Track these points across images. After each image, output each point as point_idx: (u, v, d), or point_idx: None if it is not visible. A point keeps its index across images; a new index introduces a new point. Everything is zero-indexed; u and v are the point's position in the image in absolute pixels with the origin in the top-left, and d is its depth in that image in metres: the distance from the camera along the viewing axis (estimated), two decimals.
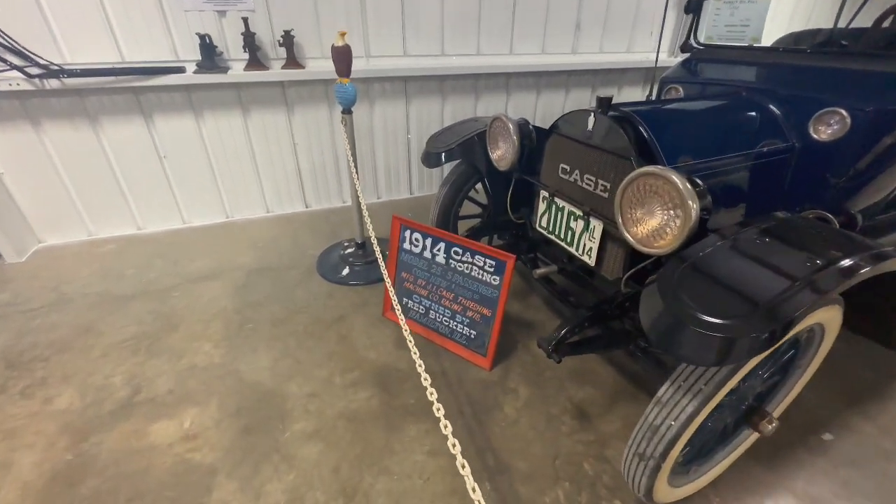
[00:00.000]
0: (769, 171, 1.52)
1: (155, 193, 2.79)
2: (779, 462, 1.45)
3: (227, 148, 2.81)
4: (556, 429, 1.56)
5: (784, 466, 1.44)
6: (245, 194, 3.01)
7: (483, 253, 1.72)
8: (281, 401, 1.65)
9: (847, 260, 0.89)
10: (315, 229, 2.92)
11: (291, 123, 2.89)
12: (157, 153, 2.69)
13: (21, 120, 2.37)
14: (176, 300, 2.20)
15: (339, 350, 1.89)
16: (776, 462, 1.45)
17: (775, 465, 1.44)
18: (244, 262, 2.54)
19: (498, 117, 1.73)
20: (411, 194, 3.48)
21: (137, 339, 1.94)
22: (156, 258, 2.56)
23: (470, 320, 1.83)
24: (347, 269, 2.41)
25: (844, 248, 0.95)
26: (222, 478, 1.38)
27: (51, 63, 2.23)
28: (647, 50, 3.65)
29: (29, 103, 2.34)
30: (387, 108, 3.06)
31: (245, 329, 2.01)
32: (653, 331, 0.92)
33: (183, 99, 2.60)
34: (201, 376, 1.75)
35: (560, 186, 1.60)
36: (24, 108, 2.35)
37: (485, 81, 3.25)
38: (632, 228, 1.17)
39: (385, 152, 3.22)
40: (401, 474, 1.40)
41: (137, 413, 1.59)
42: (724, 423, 1.21)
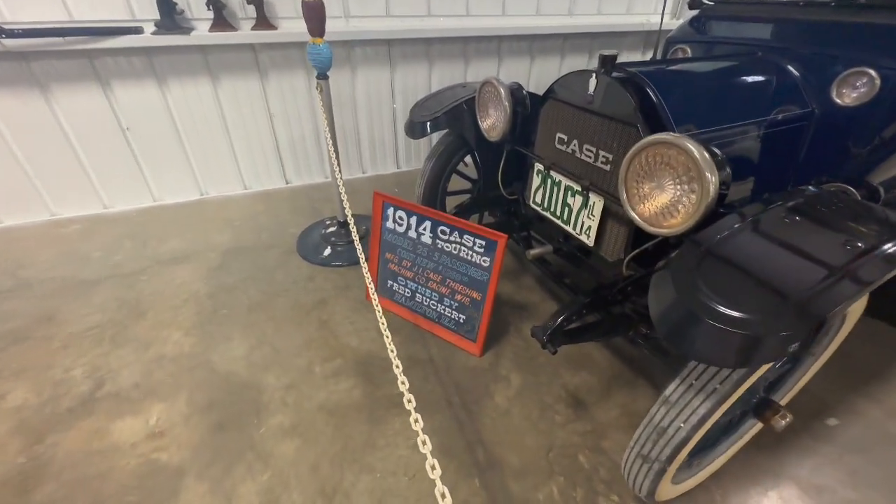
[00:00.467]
0: (785, 140, 1.38)
1: (120, 169, 2.58)
2: (783, 450, 1.38)
3: (196, 119, 2.60)
4: (550, 419, 1.47)
5: (788, 454, 1.37)
6: (220, 169, 2.81)
7: (472, 232, 1.58)
8: (256, 393, 1.53)
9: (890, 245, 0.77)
10: (296, 206, 2.75)
11: (266, 91, 2.66)
12: (120, 125, 2.47)
13: None
14: (144, 284, 2.04)
15: (320, 337, 1.77)
16: (780, 450, 1.38)
17: (779, 453, 1.37)
18: (219, 242, 2.38)
19: (488, 81, 1.56)
20: (398, 168, 3.30)
21: (102, 327, 1.80)
22: (124, 239, 2.39)
23: (459, 304, 1.71)
24: (329, 250, 2.27)
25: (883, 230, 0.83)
26: (191, 479, 1.27)
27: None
28: (647, 11, 3.42)
29: None
30: (370, 74, 2.84)
31: (219, 315, 1.87)
32: (663, 324, 0.80)
33: (143, 64, 2.36)
34: (170, 368, 1.62)
35: (556, 158, 1.45)
36: None
37: (475, 45, 3.03)
38: (638, 206, 1.04)
39: (369, 123, 3.02)
40: (384, 471, 1.30)
41: (99, 410, 1.47)
42: (731, 416, 1.12)
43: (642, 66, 1.30)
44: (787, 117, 1.37)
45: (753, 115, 1.32)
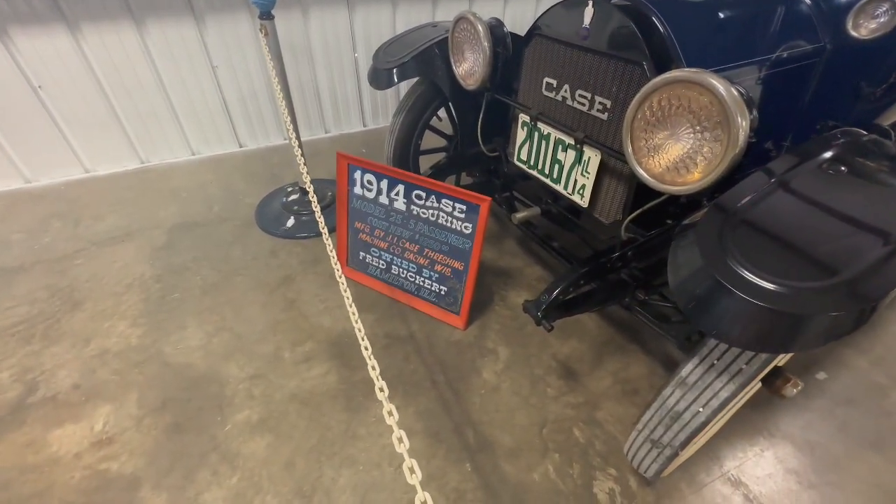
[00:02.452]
0: (793, 80, 1.24)
1: (38, 137, 2.22)
2: (776, 408, 1.35)
3: (123, 74, 2.23)
4: (542, 392, 1.38)
5: (781, 412, 1.34)
6: (160, 133, 2.47)
7: (451, 196, 1.41)
8: (218, 387, 1.37)
9: None
10: (251, 173, 2.48)
11: (204, 38, 2.30)
12: (29, 83, 2.09)
13: None
14: (79, 269, 1.79)
15: (287, 318, 1.61)
16: (773, 408, 1.35)
17: (772, 411, 1.34)
18: (165, 216, 2.11)
19: (463, 17, 1.34)
20: (364, 126, 3.02)
21: (30, 322, 1.57)
22: (52, 218, 2.09)
23: (439, 275, 1.56)
24: (293, 220, 2.05)
25: None
26: (147, 490, 1.13)
27: None
28: None
29: None
30: (325, 17, 2.50)
31: (169, 300, 1.66)
32: (685, 294, 0.68)
33: (49, 6, 1.96)
34: (115, 364, 1.43)
35: (544, 108, 1.27)
36: None
37: None
38: (646, 159, 0.89)
39: (329, 76, 2.70)
40: (367, 463, 1.20)
41: (33, 417, 1.28)
42: None
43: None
44: (797, 54, 1.23)
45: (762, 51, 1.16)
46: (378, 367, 0.87)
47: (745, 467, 1.21)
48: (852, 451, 1.26)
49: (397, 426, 0.74)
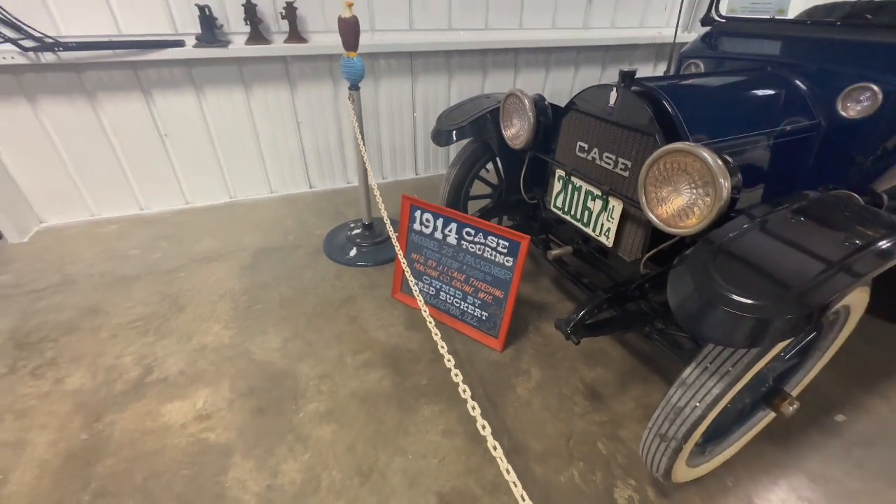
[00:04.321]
0: (793, 150, 1.47)
1: (157, 173, 2.73)
2: (792, 443, 1.45)
3: (229, 126, 2.75)
4: (569, 409, 1.56)
5: (798, 447, 1.44)
6: (248, 174, 2.95)
7: (496, 233, 1.69)
8: (293, 381, 1.64)
9: (885, 241, 0.86)
10: (319, 210, 2.88)
11: (295, 101, 2.81)
12: (158, 131, 2.63)
13: (17, 96, 2.29)
14: (182, 281, 2.17)
15: (349, 331, 1.88)
16: (790, 443, 1.45)
17: (789, 446, 1.44)
18: (249, 242, 2.51)
19: (513, 93, 1.68)
20: (417, 175, 3.42)
21: (145, 320, 1.93)
22: (160, 239, 2.53)
23: (482, 302, 1.81)
24: (355, 250, 2.38)
25: (880, 228, 0.92)
26: (238, 458, 1.38)
27: (45, 35, 2.14)
28: (659, 25, 3.54)
29: (24, 78, 2.27)
30: (392, 85, 2.98)
31: (253, 310, 1.99)
32: (681, 311, 0.90)
33: (183, 74, 2.52)
34: (212, 357, 1.74)
35: (577, 165, 1.56)
36: (20, 84, 2.27)
37: (493, 58, 3.16)
38: (656, 208, 1.14)
39: (390, 131, 3.15)
40: (416, 454, 1.40)
41: (150, 393, 1.58)
42: (742, 404, 1.21)
43: (659, 80, 1.41)
44: (795, 128, 1.47)
45: (763, 126, 1.41)
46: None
47: (759, 491, 1.32)
48: (868, 487, 1.34)
49: (480, 416, 0.93)
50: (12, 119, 2.33)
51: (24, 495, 1.26)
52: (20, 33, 2.11)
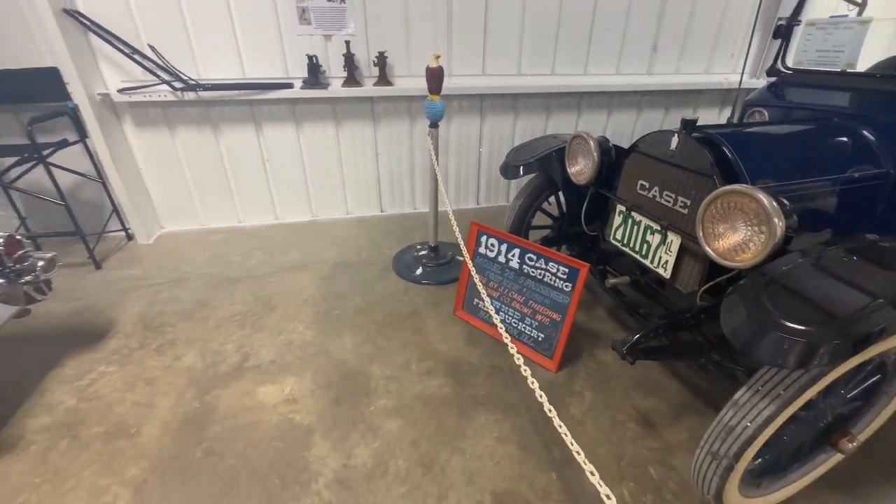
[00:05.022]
0: (860, 197, 1.51)
1: (256, 192, 3.17)
2: (859, 494, 1.41)
3: (319, 155, 3.15)
4: (622, 433, 1.62)
5: (864, 499, 1.40)
6: (330, 197, 3.33)
7: (557, 260, 1.83)
8: (365, 379, 1.84)
9: None
10: (389, 231, 3.17)
11: (376, 135, 3.17)
12: (262, 157, 3.07)
13: (161, 125, 2.83)
14: (273, 286, 2.50)
15: (415, 341, 2.07)
16: (856, 493, 1.41)
17: (855, 496, 1.40)
18: (328, 256, 2.82)
19: (579, 135, 1.85)
20: (478, 205, 3.65)
21: (243, 315, 2.24)
22: (255, 249, 2.91)
23: (539, 324, 1.94)
24: (421, 270, 2.61)
25: None
26: (318, 438, 1.58)
27: (190, 78, 2.66)
28: (726, 71, 3.60)
29: (169, 111, 2.80)
30: (462, 123, 3.27)
31: (331, 315, 2.25)
32: (734, 335, 0.99)
33: (288, 111, 2.96)
34: (297, 352, 1.99)
35: (638, 201, 1.68)
36: (164, 115, 2.81)
37: (557, 100, 3.37)
38: (713, 242, 1.24)
39: (457, 164, 3.43)
40: (473, 455, 1.53)
41: (247, 376, 1.85)
42: (801, 440, 1.23)
43: (721, 128, 1.52)
44: (863, 176, 1.51)
45: (828, 172, 1.47)
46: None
47: None
48: None
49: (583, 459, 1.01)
50: (155, 143, 2.86)
51: (152, 445, 1.54)
52: (172, 76, 2.63)
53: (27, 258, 1.66)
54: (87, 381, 1.80)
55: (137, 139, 2.85)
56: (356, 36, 2.82)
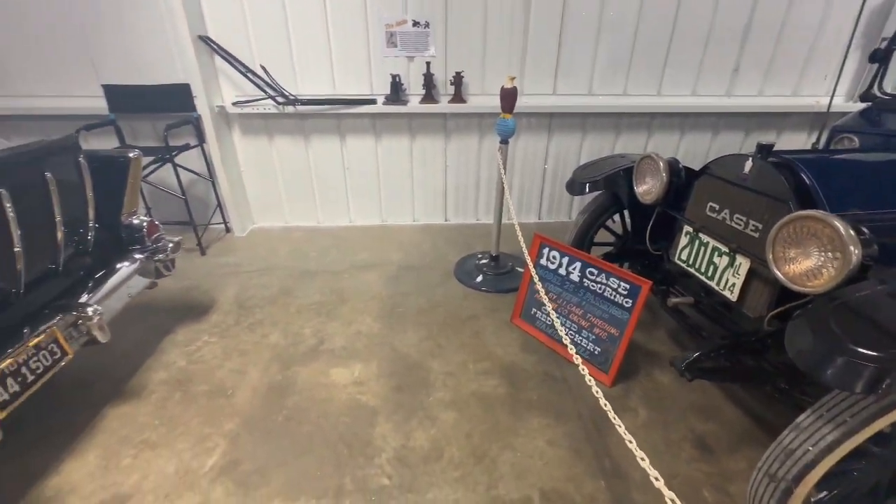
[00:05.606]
0: None
1: (334, 196, 3.49)
2: None
3: (392, 165, 3.41)
4: (675, 453, 1.61)
5: None
6: (399, 204, 3.57)
7: (618, 276, 1.87)
8: (425, 373, 1.99)
9: None
10: (452, 239, 3.33)
11: (447, 148, 3.37)
12: (343, 165, 3.39)
13: (262, 134, 3.23)
14: (345, 281, 2.74)
15: (472, 343, 2.19)
16: None
17: None
18: (395, 258, 3.03)
19: (649, 156, 1.89)
20: (539, 219, 3.71)
21: (319, 305, 2.49)
22: (331, 247, 3.20)
23: (596, 337, 1.97)
24: (481, 277, 2.73)
25: None
26: (381, 419, 1.74)
27: (290, 94, 3.03)
28: (817, 94, 3.39)
29: (270, 122, 3.19)
30: (529, 139, 3.38)
31: (396, 312, 2.43)
32: (799, 357, 1.00)
33: (369, 124, 3.25)
34: (365, 341, 2.19)
35: (706, 223, 1.69)
36: (266, 126, 3.21)
37: (627, 120, 3.38)
38: (783, 266, 1.24)
39: (521, 179, 3.53)
40: (523, 453, 1.60)
41: (322, 358, 2.07)
42: (874, 480, 1.18)
43: (801, 153, 1.51)
44: None
45: None
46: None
47: None
48: None
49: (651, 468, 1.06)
50: (255, 149, 3.28)
51: (244, 406, 1.79)
52: (276, 92, 3.01)
53: (161, 240, 2.02)
54: (194, 347, 2.12)
55: (242, 145, 3.27)
56: (436, 57, 3.05)
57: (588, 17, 3.01)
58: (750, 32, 3.14)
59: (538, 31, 3.02)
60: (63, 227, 1.54)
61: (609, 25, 3.04)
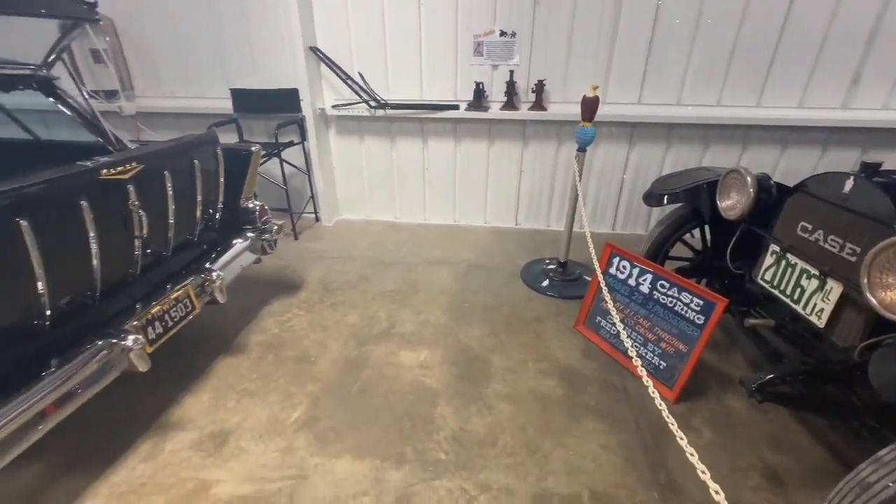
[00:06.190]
0: None
1: (412, 195, 3.73)
2: None
3: (469, 168, 3.56)
4: (740, 480, 1.55)
5: None
6: (472, 206, 3.71)
7: (692, 291, 1.83)
8: (485, 366, 2.09)
9: None
10: (521, 243, 3.39)
11: (523, 154, 3.45)
12: (423, 166, 3.61)
13: (354, 135, 3.56)
14: (418, 274, 2.94)
15: (534, 343, 2.25)
16: None
17: None
18: (465, 257, 3.17)
19: (735, 170, 1.83)
20: (612, 230, 3.64)
21: (393, 293, 2.71)
22: (406, 242, 3.43)
23: (662, 351, 1.94)
24: (547, 282, 2.77)
25: None
26: (442, 402, 1.88)
27: (382, 99, 3.30)
28: None
29: (362, 124, 3.51)
30: (609, 149, 3.34)
31: (463, 307, 2.56)
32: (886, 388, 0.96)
33: (450, 128, 3.44)
34: (432, 330, 2.35)
35: (796, 243, 1.60)
36: (358, 127, 3.53)
37: (718, 132, 3.19)
38: (878, 292, 1.16)
39: (597, 188, 3.49)
40: (576, 453, 1.64)
41: (392, 341, 2.27)
42: None
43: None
44: None
45: None
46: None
47: None
48: None
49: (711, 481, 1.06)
50: (348, 148, 3.61)
51: (324, 373, 2.03)
52: (369, 97, 3.31)
53: (268, 222, 2.34)
54: (285, 318, 2.43)
55: (336, 144, 3.63)
56: (519, 65, 3.15)
57: (682, 25, 2.91)
58: (877, 38, 2.82)
59: (626, 39, 2.99)
60: (201, 205, 1.88)
61: (706, 32, 2.91)
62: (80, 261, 1.35)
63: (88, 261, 1.37)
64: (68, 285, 1.35)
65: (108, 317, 1.54)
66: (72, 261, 1.33)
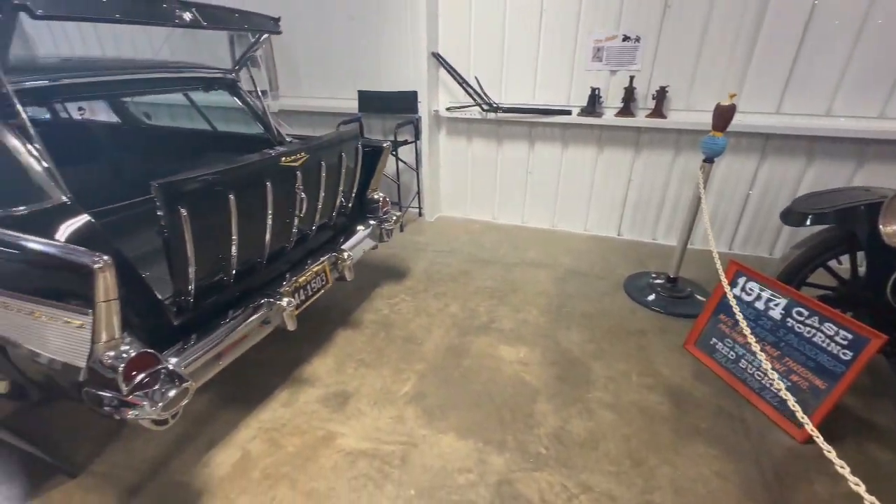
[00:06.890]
0: None
1: (512, 197, 3.79)
2: None
3: (574, 173, 3.52)
4: None
5: None
6: (572, 212, 3.66)
7: (837, 322, 1.65)
8: (586, 371, 2.08)
9: None
10: (624, 255, 3.28)
11: (634, 162, 3.32)
12: (527, 169, 3.65)
13: (463, 136, 3.72)
14: (516, 273, 2.99)
15: (637, 356, 2.18)
16: None
17: None
18: (563, 262, 3.15)
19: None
20: (729, 249, 3.34)
21: (492, 290, 2.79)
22: (503, 242, 3.51)
23: (792, 385, 1.77)
24: (654, 296, 2.65)
25: None
26: (542, 399, 1.92)
27: (494, 102, 3.41)
28: None
29: (472, 126, 3.65)
30: (735, 161, 3.08)
31: (562, 311, 2.56)
32: None
33: (559, 133, 3.43)
34: (530, 329, 2.39)
35: None
36: (468, 129, 3.68)
37: (877, 148, 2.78)
38: None
39: (715, 203, 3.23)
40: (684, 474, 1.58)
41: (491, 334, 2.35)
42: None
43: None
44: None
45: None
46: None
47: None
48: None
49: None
50: (456, 148, 3.79)
51: (430, 355, 2.18)
52: (482, 100, 3.43)
53: (388, 213, 2.56)
54: (394, 301, 2.65)
55: (445, 144, 3.82)
56: (640, 71, 3.05)
57: (842, 25, 2.59)
58: None
59: (769, 43, 2.74)
60: (342, 193, 2.13)
61: (873, 34, 2.56)
62: (259, 230, 1.64)
63: (264, 231, 1.65)
64: (249, 250, 1.64)
65: (267, 281, 1.83)
66: (255, 230, 1.62)
